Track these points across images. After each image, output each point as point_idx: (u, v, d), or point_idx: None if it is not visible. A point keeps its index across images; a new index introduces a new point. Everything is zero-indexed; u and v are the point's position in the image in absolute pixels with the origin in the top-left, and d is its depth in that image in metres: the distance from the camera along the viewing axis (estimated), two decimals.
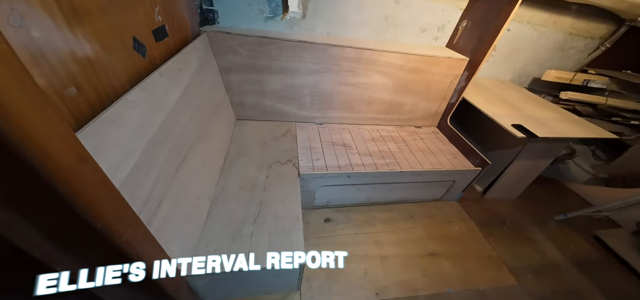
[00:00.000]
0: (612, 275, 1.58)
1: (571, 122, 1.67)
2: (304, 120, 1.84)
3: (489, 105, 1.71)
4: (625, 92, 1.97)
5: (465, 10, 1.69)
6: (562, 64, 2.17)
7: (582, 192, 2.11)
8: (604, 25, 1.94)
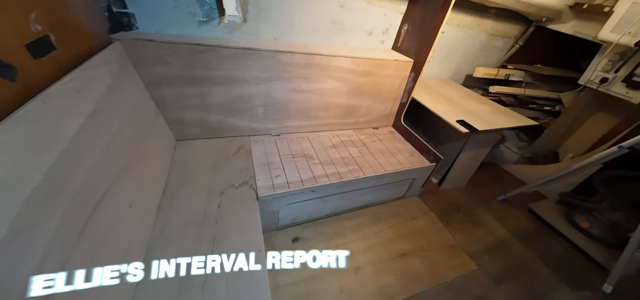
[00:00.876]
0: (545, 241, 1.82)
1: (501, 113, 1.88)
2: (258, 132, 1.68)
3: (435, 103, 1.82)
4: (538, 83, 2.34)
5: (405, 15, 1.76)
6: (487, 61, 2.46)
7: (514, 172, 2.41)
8: (516, 26, 2.26)
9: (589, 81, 1.98)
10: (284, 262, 0.84)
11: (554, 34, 2.11)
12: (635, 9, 1.63)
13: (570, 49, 2.19)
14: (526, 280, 1.52)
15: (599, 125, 2.12)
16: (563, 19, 2.03)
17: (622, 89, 1.82)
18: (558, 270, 1.60)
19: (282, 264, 0.83)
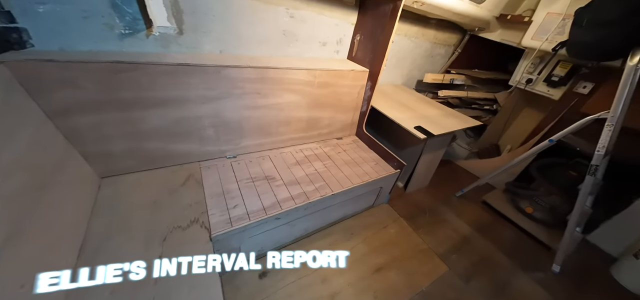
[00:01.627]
0: (500, 229, 1.97)
1: (451, 116, 2.01)
2: (211, 156, 1.47)
3: (393, 111, 1.86)
4: (477, 85, 2.58)
5: (356, 25, 1.78)
6: (434, 67, 2.65)
7: (466, 167, 2.61)
8: (455, 35, 2.48)
9: (517, 82, 2.25)
10: (284, 262, 0.86)
11: (486, 42, 2.36)
12: (550, 19, 1.89)
13: (501, 54, 2.48)
14: (490, 273, 1.59)
15: (529, 120, 2.42)
16: (492, 28, 2.29)
17: (544, 87, 2.11)
18: (513, 257, 1.72)
19: (283, 264, 0.86)
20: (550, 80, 2.06)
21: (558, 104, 1.99)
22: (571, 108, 1.90)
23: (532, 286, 1.55)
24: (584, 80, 1.89)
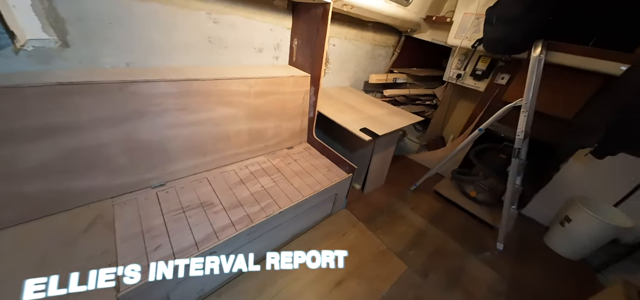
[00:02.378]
0: (451, 216, 2.06)
1: (396, 114, 2.06)
2: (128, 189, 1.23)
3: (340, 114, 1.83)
4: (417, 83, 2.74)
5: (292, 30, 1.72)
6: (377, 68, 2.74)
7: (418, 159, 2.74)
8: (391, 36, 2.60)
9: (449, 77, 2.44)
10: (283, 262, 0.88)
11: (420, 42, 2.52)
12: (467, 18, 2.08)
13: (435, 52, 2.67)
14: (445, 263, 1.63)
15: (464, 110, 2.64)
16: (422, 29, 2.45)
17: (471, 81, 2.31)
18: (464, 242, 1.80)
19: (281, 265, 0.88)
20: (475, 74, 2.27)
21: (484, 95, 2.19)
22: (495, 98, 2.10)
23: (481, 268, 1.62)
24: (502, 72, 2.11)
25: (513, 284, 1.55)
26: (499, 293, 1.48)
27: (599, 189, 1.73)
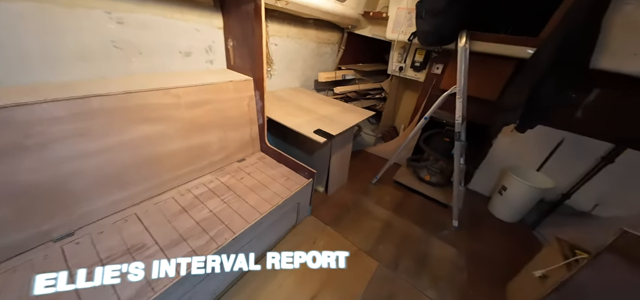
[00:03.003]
0: (411, 203, 2.13)
1: (349, 111, 2.03)
2: (19, 250, 0.90)
3: (291, 117, 1.71)
4: (365, 78, 2.80)
5: (225, 30, 1.54)
6: (326, 66, 2.71)
7: (376, 151, 2.80)
8: (335, 33, 2.60)
9: (393, 71, 2.54)
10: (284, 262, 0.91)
11: (363, 37, 2.57)
12: (400, 13, 2.17)
13: (378, 47, 2.76)
14: (411, 250, 1.66)
15: (410, 100, 2.81)
16: (362, 25, 2.50)
17: (412, 72, 2.44)
18: (424, 225, 1.88)
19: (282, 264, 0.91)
20: (414, 65, 2.40)
21: (424, 84, 2.34)
22: (433, 86, 2.26)
23: (442, 247, 1.71)
24: (436, 62, 2.26)
25: (470, 256, 1.66)
26: (460, 268, 1.57)
27: (524, 158, 1.99)
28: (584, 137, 1.72)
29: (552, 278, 1.10)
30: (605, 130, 1.61)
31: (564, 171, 1.84)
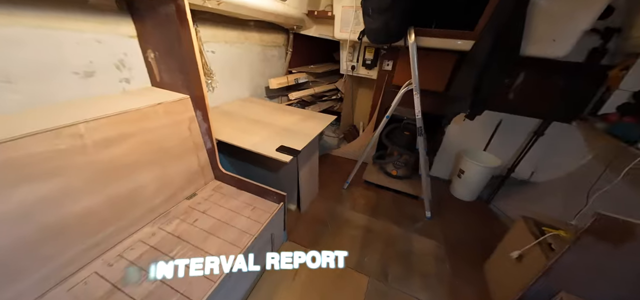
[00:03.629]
0: (384, 201, 2.11)
1: (310, 118, 1.84)
2: None
3: (247, 135, 1.46)
4: (319, 80, 2.67)
5: (140, 40, 1.20)
6: (275, 70, 2.48)
7: (342, 153, 2.72)
8: (279, 35, 2.39)
9: (345, 70, 2.48)
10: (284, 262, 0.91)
11: (311, 38, 2.44)
12: (346, 12, 2.07)
13: (328, 47, 2.67)
14: (395, 252, 1.61)
15: (366, 97, 2.81)
16: (307, 25, 2.35)
17: (364, 71, 2.42)
18: (401, 222, 1.86)
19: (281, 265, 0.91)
20: (365, 63, 2.38)
21: (377, 82, 2.35)
22: (386, 83, 2.29)
23: (422, 242, 1.71)
24: (386, 59, 2.28)
25: (447, 244, 1.70)
26: (442, 258, 1.59)
27: (472, 140, 2.18)
28: (517, 116, 1.95)
29: (527, 257, 1.15)
30: (534, 108, 1.85)
31: (506, 148, 2.07)
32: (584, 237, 0.79)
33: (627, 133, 1.33)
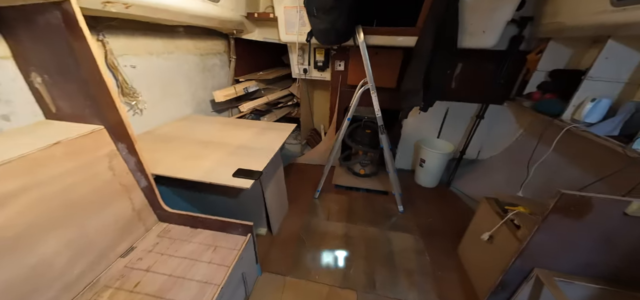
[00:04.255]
0: (356, 202, 2.05)
1: (267, 130, 1.64)
2: None
3: (195, 161, 1.22)
4: (271, 86, 2.48)
5: (19, 61, 0.87)
6: (220, 81, 2.21)
7: (307, 160, 2.58)
8: (217, 41, 2.12)
9: (297, 74, 2.35)
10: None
11: (256, 42, 2.24)
12: (290, 13, 1.92)
13: (277, 51, 2.50)
14: (377, 257, 1.56)
15: (323, 100, 2.74)
16: (249, 29, 2.14)
17: (317, 73, 2.33)
18: (377, 222, 1.83)
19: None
20: (317, 65, 2.29)
21: (332, 83, 2.30)
22: (341, 83, 2.25)
23: (400, 238, 1.70)
24: (337, 60, 2.23)
25: (423, 234, 1.73)
26: (421, 251, 1.60)
27: (427, 130, 2.31)
28: (461, 103, 2.13)
29: (497, 237, 1.22)
30: (474, 94, 2.04)
31: (456, 133, 2.25)
32: (550, 216, 0.84)
33: (550, 108, 1.54)
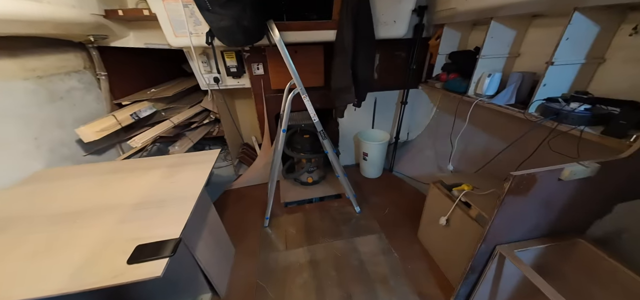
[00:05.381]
0: (312, 215, 1.85)
1: (179, 166, 1.20)
2: None
3: (51, 260, 0.72)
4: (174, 105, 1.89)
5: None
6: (88, 110, 1.51)
7: (244, 182, 2.19)
8: (70, 54, 1.45)
9: (207, 85, 1.88)
10: None
11: (135, 50, 1.63)
12: (173, 8, 1.42)
13: (173, 59, 1.92)
14: (348, 271, 1.41)
15: (248, 108, 2.37)
16: (118, 34, 1.53)
17: (232, 81, 1.91)
18: (339, 232, 1.69)
19: None
20: (230, 72, 1.89)
21: (255, 90, 1.95)
22: (265, 89, 1.93)
23: (365, 242, 1.61)
24: (253, 63, 1.86)
25: (384, 230, 1.69)
26: (388, 249, 1.55)
27: (361, 122, 2.31)
28: (385, 92, 2.21)
29: (453, 219, 1.27)
30: (394, 82, 2.15)
31: (386, 121, 2.34)
32: (506, 198, 0.89)
33: (456, 86, 1.75)
